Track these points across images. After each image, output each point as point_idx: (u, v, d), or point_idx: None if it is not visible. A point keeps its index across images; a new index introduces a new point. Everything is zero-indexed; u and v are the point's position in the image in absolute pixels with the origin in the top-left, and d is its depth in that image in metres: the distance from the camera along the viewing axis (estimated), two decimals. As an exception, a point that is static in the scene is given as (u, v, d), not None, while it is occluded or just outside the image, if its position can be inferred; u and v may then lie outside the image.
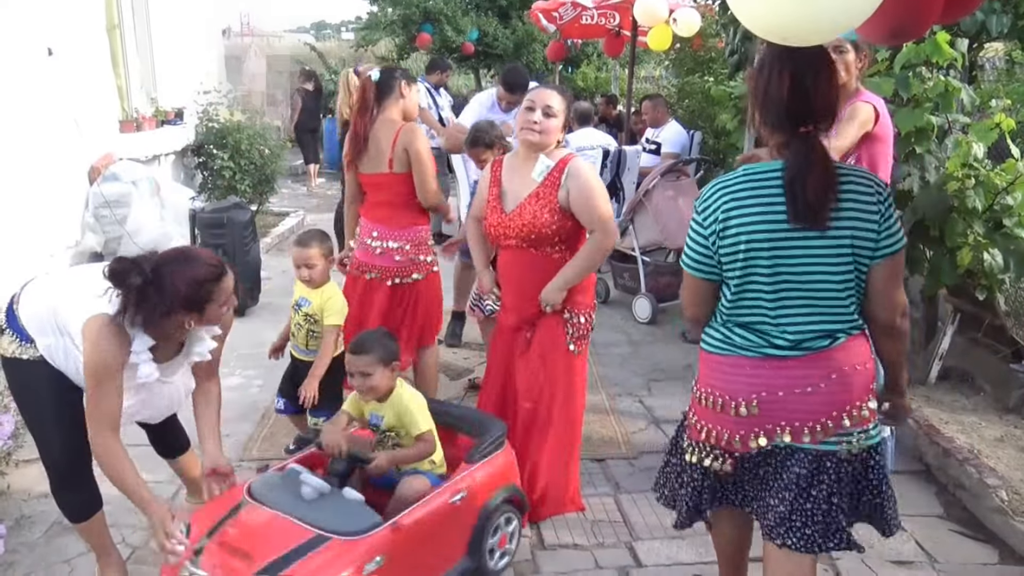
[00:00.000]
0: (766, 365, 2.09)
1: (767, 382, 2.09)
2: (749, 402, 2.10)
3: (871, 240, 2.03)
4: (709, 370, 2.21)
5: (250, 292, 5.97)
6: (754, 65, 2.17)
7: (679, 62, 10.30)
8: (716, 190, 2.12)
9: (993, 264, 3.91)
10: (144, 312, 2.35)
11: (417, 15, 15.76)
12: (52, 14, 5.81)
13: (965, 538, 3.28)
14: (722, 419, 2.17)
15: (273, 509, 2.53)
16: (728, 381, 2.15)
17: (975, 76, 5.30)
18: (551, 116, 3.09)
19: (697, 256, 2.17)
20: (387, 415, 2.96)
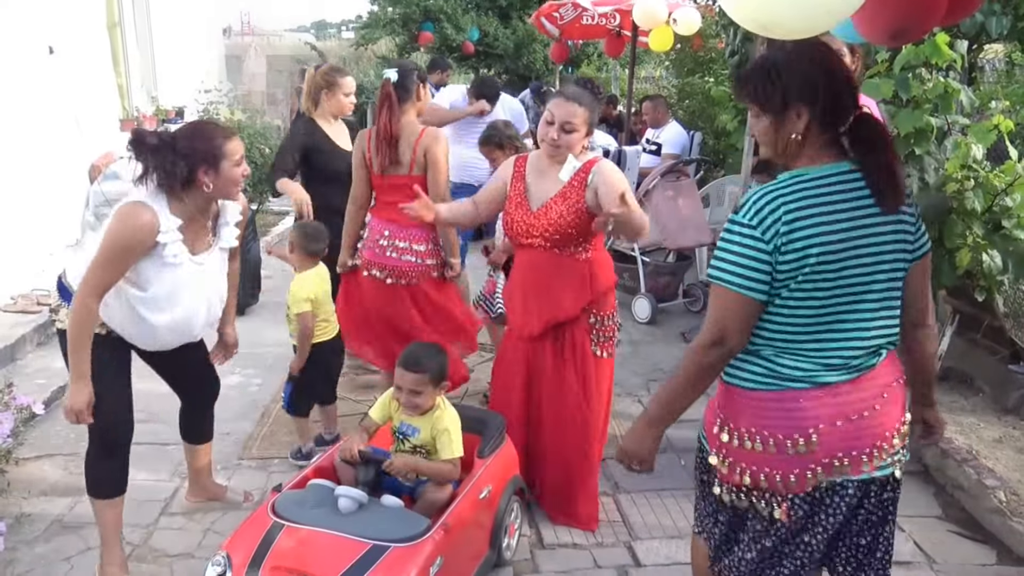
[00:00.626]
0: (821, 394, 1.90)
1: (824, 412, 1.90)
2: (808, 438, 1.89)
3: (911, 239, 1.95)
4: (750, 409, 1.96)
5: (250, 291, 5.97)
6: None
7: (679, 63, 10.31)
8: (772, 199, 1.85)
9: (992, 265, 3.92)
10: (165, 173, 2.53)
11: (417, 14, 15.77)
12: (53, 12, 5.82)
13: (963, 539, 3.29)
14: (771, 460, 1.94)
15: (316, 527, 2.41)
16: (778, 419, 1.92)
17: (975, 78, 5.30)
18: (571, 131, 3.04)
19: (753, 273, 1.84)
20: (423, 431, 2.85)
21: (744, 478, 1.97)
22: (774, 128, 1.92)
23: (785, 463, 1.92)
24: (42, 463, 3.67)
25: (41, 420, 3.95)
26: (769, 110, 1.91)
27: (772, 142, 1.94)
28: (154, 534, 3.15)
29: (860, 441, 1.92)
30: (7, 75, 5.21)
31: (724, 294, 1.88)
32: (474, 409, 3.28)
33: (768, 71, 1.91)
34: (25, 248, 5.39)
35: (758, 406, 1.95)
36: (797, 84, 1.88)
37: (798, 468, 1.91)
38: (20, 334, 4.80)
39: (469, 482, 2.79)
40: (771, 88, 1.90)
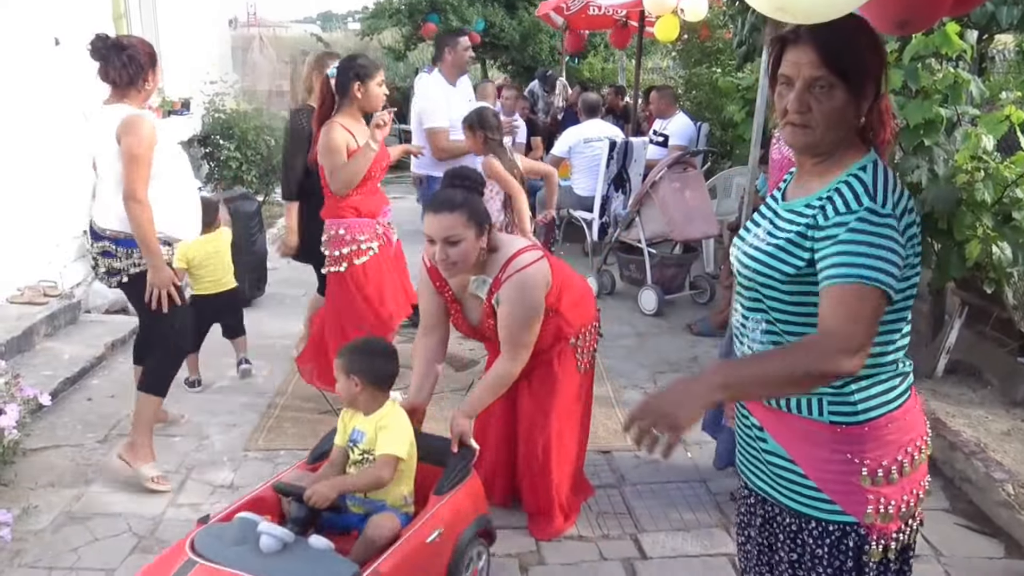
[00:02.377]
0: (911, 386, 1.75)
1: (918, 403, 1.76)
2: (925, 441, 1.76)
3: None
4: (897, 430, 1.68)
5: (256, 283, 5.97)
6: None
7: (686, 53, 10.26)
8: (895, 187, 1.63)
9: (1002, 257, 3.89)
10: (123, 70, 3.28)
11: (423, 4, 15.71)
12: (59, 4, 5.81)
13: (971, 532, 3.27)
14: (920, 472, 1.74)
15: (230, 568, 2.13)
16: (916, 426, 1.74)
17: (985, 68, 5.26)
18: (456, 243, 2.64)
19: (896, 265, 1.56)
20: (368, 432, 2.62)
21: (909, 510, 1.72)
22: (848, 105, 1.63)
23: (926, 465, 1.76)
24: (49, 454, 3.68)
25: (48, 411, 3.95)
26: (850, 82, 1.62)
27: (838, 122, 1.64)
28: (160, 525, 3.16)
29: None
30: (13, 67, 5.21)
31: (879, 298, 1.54)
32: (440, 439, 2.87)
33: (852, 36, 1.66)
34: (32, 239, 5.39)
35: (902, 420, 1.70)
36: (876, 58, 1.67)
37: (923, 476, 1.76)
38: (27, 325, 4.80)
39: (417, 522, 2.47)
40: (857, 56, 1.64)
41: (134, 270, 3.34)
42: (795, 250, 1.65)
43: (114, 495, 3.36)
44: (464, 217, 2.63)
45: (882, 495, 1.67)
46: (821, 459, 1.69)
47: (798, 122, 1.65)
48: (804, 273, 1.64)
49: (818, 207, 1.64)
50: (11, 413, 3.19)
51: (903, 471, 1.69)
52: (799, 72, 1.64)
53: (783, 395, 1.68)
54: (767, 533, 1.87)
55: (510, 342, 2.80)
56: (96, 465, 3.59)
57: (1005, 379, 4.31)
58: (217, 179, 8.40)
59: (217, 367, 4.71)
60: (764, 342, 1.75)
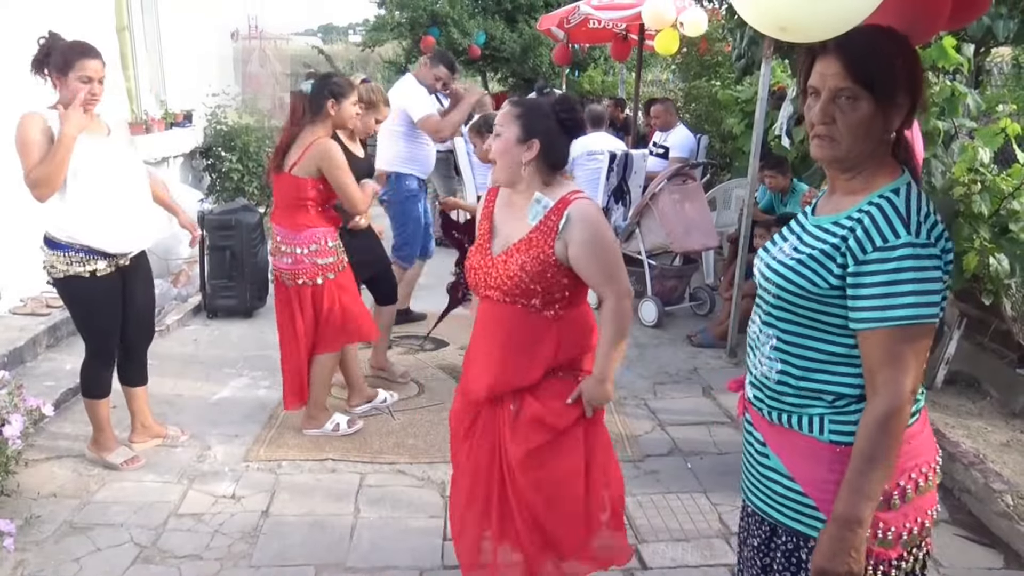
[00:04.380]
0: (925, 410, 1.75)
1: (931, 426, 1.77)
2: (938, 452, 1.75)
3: None
4: (903, 453, 1.62)
5: (257, 294, 6.00)
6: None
7: (686, 66, 10.33)
8: (932, 212, 1.60)
9: (999, 269, 3.91)
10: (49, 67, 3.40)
11: (424, 18, 15.82)
12: (62, 16, 5.85)
13: (970, 542, 3.28)
14: (925, 501, 1.70)
15: None
16: (926, 448, 1.72)
17: (981, 81, 5.30)
18: (498, 135, 2.46)
19: (941, 293, 1.56)
20: None
21: (911, 537, 1.69)
22: (875, 117, 1.59)
23: (934, 492, 1.72)
24: (51, 465, 3.69)
25: (50, 422, 3.97)
26: (877, 94, 1.57)
27: (864, 135, 1.60)
28: (162, 535, 3.17)
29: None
30: (16, 78, 5.24)
31: (928, 332, 1.55)
32: None
33: (882, 47, 1.61)
34: (34, 251, 5.41)
35: (916, 444, 1.68)
36: (909, 71, 1.61)
37: (934, 499, 1.73)
38: (29, 336, 4.82)
39: None
40: (885, 67, 1.59)
41: (54, 273, 3.43)
42: (818, 268, 1.63)
43: (116, 505, 3.37)
44: (515, 113, 2.46)
45: (881, 520, 1.63)
46: (820, 478, 1.67)
47: (823, 134, 1.63)
48: (825, 294, 1.62)
49: (847, 228, 1.60)
50: (15, 423, 3.20)
51: (905, 497, 1.65)
52: (824, 83, 1.61)
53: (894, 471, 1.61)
54: (762, 554, 1.86)
55: (605, 274, 2.40)
56: (98, 476, 3.60)
57: (1004, 390, 4.33)
58: (219, 191, 8.43)
59: (219, 378, 4.73)
60: (772, 358, 1.73)
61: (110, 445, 3.68)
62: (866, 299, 1.55)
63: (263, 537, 3.17)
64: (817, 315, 1.65)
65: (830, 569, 1.57)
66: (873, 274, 1.54)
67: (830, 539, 1.58)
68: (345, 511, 3.36)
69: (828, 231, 1.65)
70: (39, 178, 3.22)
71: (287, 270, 3.83)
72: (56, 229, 3.39)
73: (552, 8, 14.48)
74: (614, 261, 2.43)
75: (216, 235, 5.89)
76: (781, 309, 1.70)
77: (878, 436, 1.55)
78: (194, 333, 5.59)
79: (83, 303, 3.49)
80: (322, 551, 3.09)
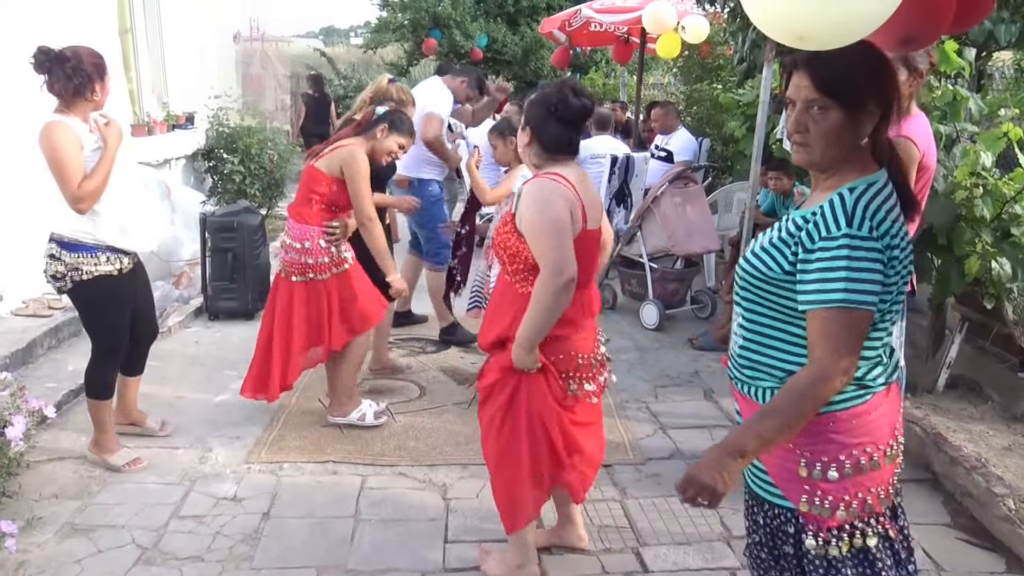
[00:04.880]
0: (890, 393, 1.86)
1: (894, 408, 1.87)
2: (895, 438, 1.84)
3: None
4: (847, 431, 1.78)
5: (259, 296, 5.99)
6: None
7: (687, 69, 10.33)
8: (873, 208, 1.72)
9: (1001, 273, 3.91)
10: (65, 82, 3.30)
11: (426, 20, 15.84)
12: (65, 19, 5.87)
13: (972, 546, 3.28)
14: (871, 478, 1.80)
15: None
16: (875, 429, 1.80)
17: (983, 85, 5.30)
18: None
19: (876, 282, 1.68)
20: None
21: (845, 512, 1.79)
22: (845, 125, 1.73)
23: (883, 475, 1.82)
24: (53, 466, 3.69)
25: (52, 423, 3.97)
26: (845, 103, 1.72)
27: (836, 141, 1.74)
28: (164, 537, 3.17)
29: (900, 431, 1.89)
30: (19, 81, 5.25)
31: (861, 318, 1.69)
32: None
33: (849, 61, 1.73)
34: (36, 253, 5.41)
35: (856, 423, 1.78)
36: (876, 80, 1.75)
37: (890, 476, 1.84)
38: (32, 337, 4.83)
39: None
40: (851, 79, 1.72)
41: (77, 277, 3.45)
42: (776, 254, 1.79)
43: (118, 507, 3.37)
44: (523, 106, 2.79)
45: (819, 489, 1.78)
46: (781, 451, 1.82)
47: (799, 141, 1.78)
48: (780, 279, 1.78)
49: (808, 221, 1.76)
50: (18, 425, 3.20)
51: (844, 471, 1.77)
52: (798, 95, 1.77)
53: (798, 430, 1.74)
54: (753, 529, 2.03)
55: (538, 250, 2.56)
56: (100, 477, 3.60)
57: (1006, 394, 4.32)
58: (220, 192, 8.45)
59: (220, 380, 4.73)
60: (738, 334, 1.91)
61: (112, 447, 3.70)
62: (808, 283, 1.71)
63: (264, 539, 3.17)
64: (774, 298, 1.81)
65: (697, 477, 1.74)
66: (816, 261, 1.70)
67: (711, 457, 1.75)
68: (346, 513, 3.36)
69: (796, 223, 1.80)
70: (88, 194, 3.32)
71: (287, 263, 3.96)
72: (79, 232, 3.42)
73: (554, 11, 14.52)
74: (546, 240, 2.53)
75: (218, 237, 5.89)
76: (746, 291, 1.88)
77: (792, 394, 1.72)
78: (195, 335, 5.60)
79: (105, 302, 3.53)
80: (323, 553, 3.09)
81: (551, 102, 2.63)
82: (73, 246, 3.44)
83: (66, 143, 3.28)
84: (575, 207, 2.59)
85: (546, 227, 2.54)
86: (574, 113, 2.64)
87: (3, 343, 4.68)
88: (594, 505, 3.46)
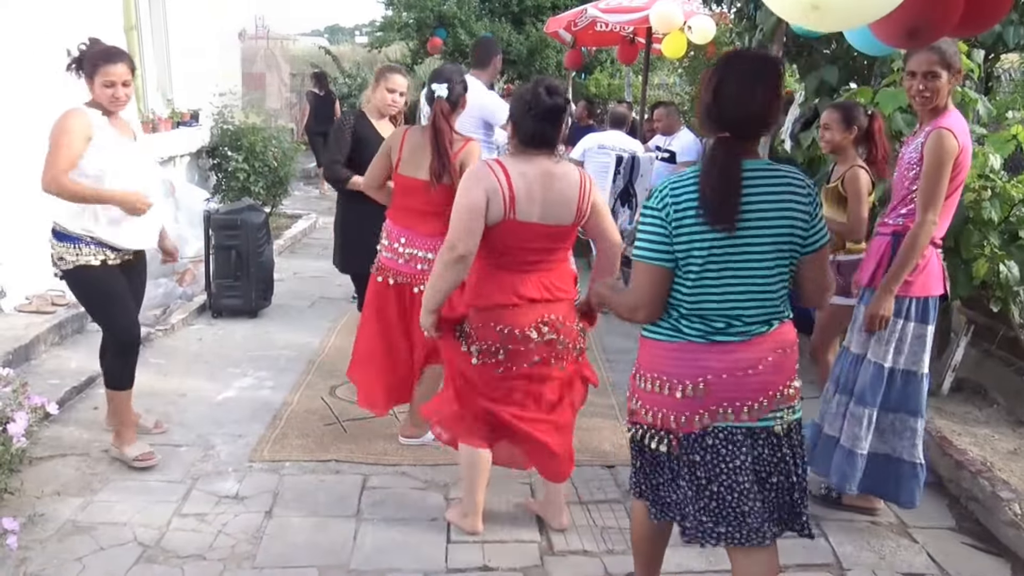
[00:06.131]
0: (712, 350, 2.24)
1: (712, 365, 2.24)
2: (696, 384, 2.24)
3: (801, 236, 2.23)
4: (653, 357, 2.32)
5: (263, 293, 6.00)
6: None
7: (692, 69, 10.31)
8: (668, 189, 2.22)
9: (1009, 276, 3.90)
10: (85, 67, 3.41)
11: (431, 19, 15.84)
12: (71, 15, 5.87)
13: (977, 551, 3.26)
14: (666, 401, 2.29)
15: None
16: (675, 366, 2.27)
17: (991, 87, 5.28)
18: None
19: (656, 243, 2.22)
20: None
21: (647, 416, 2.34)
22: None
23: (676, 405, 2.27)
24: (55, 463, 3.68)
25: (54, 420, 3.95)
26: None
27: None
28: (166, 535, 3.16)
29: (741, 393, 2.24)
30: (25, 78, 5.26)
31: (644, 269, 2.26)
32: None
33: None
34: (39, 249, 5.41)
35: (661, 354, 2.30)
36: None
37: (688, 410, 2.26)
38: (35, 334, 4.82)
39: None
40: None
41: (63, 265, 3.49)
42: None
43: (120, 504, 3.36)
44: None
45: (637, 392, 2.38)
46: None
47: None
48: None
49: None
50: (20, 421, 3.19)
51: (643, 385, 2.34)
52: None
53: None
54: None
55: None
56: (102, 474, 3.60)
57: (1011, 398, 4.31)
58: (225, 190, 8.45)
59: (223, 378, 4.73)
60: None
61: (131, 439, 3.70)
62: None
63: (266, 538, 3.16)
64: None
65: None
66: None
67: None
68: (348, 513, 3.35)
69: None
70: (59, 190, 3.35)
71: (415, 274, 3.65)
72: (69, 222, 3.45)
73: (559, 11, 14.50)
74: (455, 217, 2.81)
75: (222, 234, 5.89)
76: None
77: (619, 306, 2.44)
78: (199, 332, 5.59)
79: (97, 291, 3.55)
80: (325, 553, 3.07)
81: (527, 99, 2.81)
82: (60, 234, 3.48)
83: (73, 129, 3.32)
84: (497, 196, 2.77)
85: (459, 206, 2.81)
86: (546, 110, 2.79)
87: (6, 339, 4.68)
88: (597, 506, 3.45)
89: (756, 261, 2.21)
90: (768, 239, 2.19)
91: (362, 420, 4.16)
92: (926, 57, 3.05)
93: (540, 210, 2.83)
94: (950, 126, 3.06)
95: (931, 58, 3.04)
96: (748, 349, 2.24)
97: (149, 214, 3.58)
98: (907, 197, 3.18)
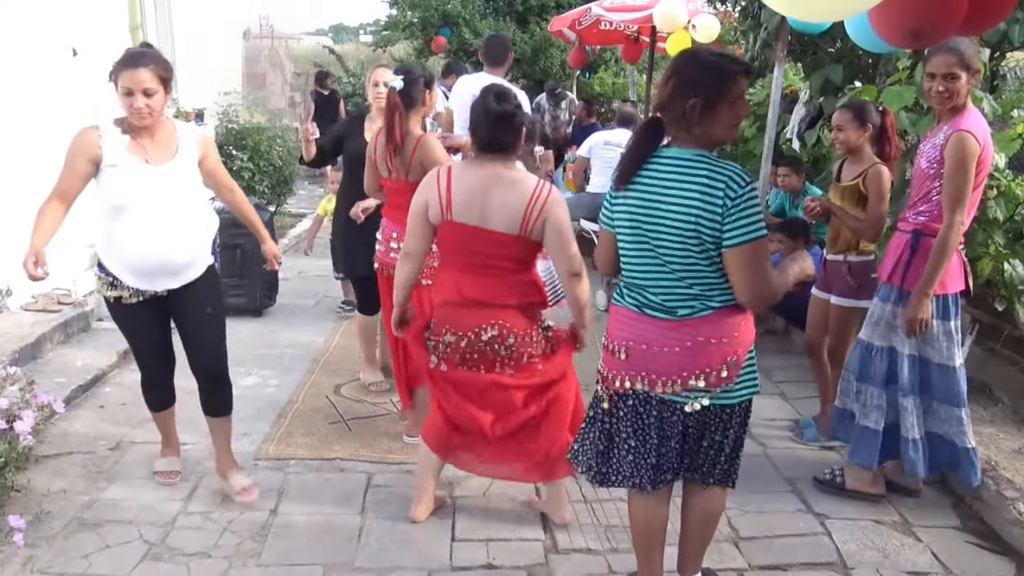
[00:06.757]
0: (641, 320, 2.45)
1: (637, 334, 2.45)
2: (621, 348, 2.48)
3: (715, 229, 2.27)
4: (611, 320, 2.57)
5: (268, 292, 6.01)
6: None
7: (697, 68, 10.28)
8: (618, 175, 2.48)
9: (1013, 274, 3.89)
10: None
11: (435, 18, 15.83)
12: (77, 15, 5.89)
13: (982, 550, 3.26)
14: (608, 361, 2.55)
15: None
16: (615, 328, 2.53)
17: (996, 86, 5.27)
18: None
19: (606, 214, 2.55)
20: None
21: (601, 371, 2.59)
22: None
23: (613, 365, 2.52)
24: (61, 461, 3.70)
25: (61, 418, 3.97)
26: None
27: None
28: (171, 533, 3.17)
29: (656, 366, 2.42)
30: (31, 76, 5.27)
31: (600, 231, 2.64)
32: None
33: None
34: (46, 247, 5.44)
35: (612, 316, 2.56)
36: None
37: (615, 370, 2.52)
38: (41, 332, 4.84)
39: None
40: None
41: (99, 294, 3.42)
42: None
43: (125, 502, 3.37)
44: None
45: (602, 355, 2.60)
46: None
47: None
48: None
49: None
50: (27, 419, 3.20)
51: (604, 344, 2.57)
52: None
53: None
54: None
55: None
56: (108, 473, 3.61)
57: (1016, 397, 4.30)
58: (229, 189, 8.46)
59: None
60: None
61: (164, 453, 3.65)
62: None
63: (271, 536, 3.17)
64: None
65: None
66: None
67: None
68: (353, 511, 3.36)
69: None
70: (43, 208, 3.18)
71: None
72: (97, 246, 3.31)
73: (564, 10, 14.48)
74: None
75: (227, 233, 5.84)
76: None
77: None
78: (204, 331, 5.59)
79: (118, 324, 3.39)
80: (330, 551, 3.09)
81: (478, 107, 2.94)
82: (97, 260, 3.31)
83: (71, 149, 3.08)
84: (435, 199, 2.95)
85: (409, 209, 3.05)
86: (494, 117, 2.91)
87: (12, 338, 4.69)
88: (601, 504, 3.46)
89: (663, 244, 2.35)
90: (671, 224, 2.32)
91: (367, 419, 4.17)
92: (945, 59, 3.06)
93: (480, 214, 2.89)
94: (970, 128, 3.07)
95: (950, 60, 3.05)
96: (670, 328, 2.40)
97: (177, 253, 3.18)
98: (927, 195, 3.21)
